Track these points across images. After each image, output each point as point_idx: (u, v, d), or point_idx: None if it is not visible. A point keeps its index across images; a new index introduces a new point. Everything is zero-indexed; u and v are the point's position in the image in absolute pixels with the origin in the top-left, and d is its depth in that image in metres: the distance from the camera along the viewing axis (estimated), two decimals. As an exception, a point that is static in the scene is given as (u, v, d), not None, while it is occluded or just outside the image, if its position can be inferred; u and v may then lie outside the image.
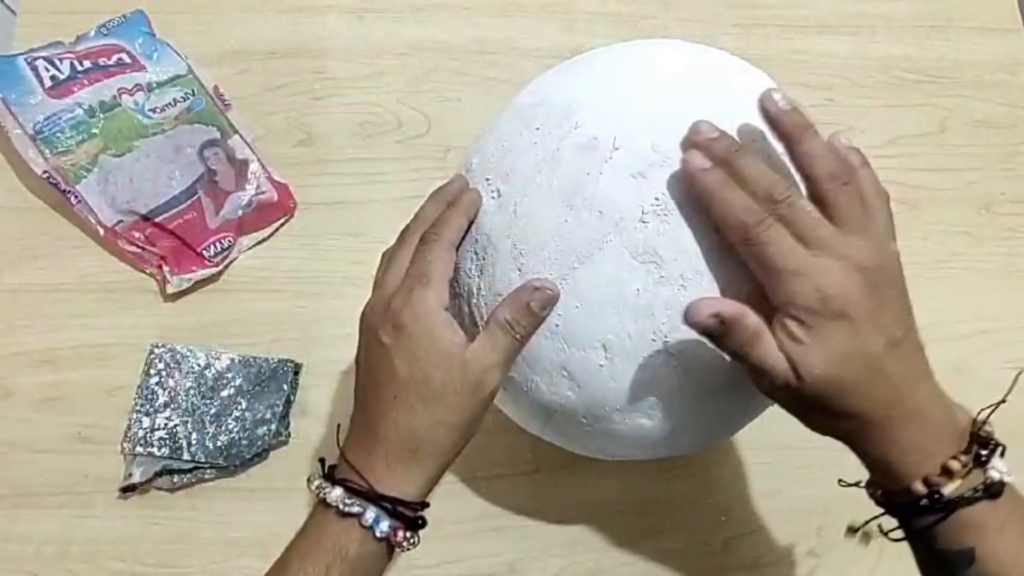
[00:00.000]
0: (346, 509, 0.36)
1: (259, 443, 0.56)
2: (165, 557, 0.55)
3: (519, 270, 0.41)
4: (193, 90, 0.64)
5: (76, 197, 0.60)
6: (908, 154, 0.71)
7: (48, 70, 0.62)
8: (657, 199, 0.38)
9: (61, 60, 0.62)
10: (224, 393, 0.57)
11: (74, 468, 0.56)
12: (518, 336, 0.38)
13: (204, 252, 0.61)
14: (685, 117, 0.39)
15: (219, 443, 0.56)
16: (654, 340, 0.39)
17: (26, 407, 0.58)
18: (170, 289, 0.60)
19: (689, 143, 0.38)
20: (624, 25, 0.73)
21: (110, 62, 0.63)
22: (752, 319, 0.35)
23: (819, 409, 0.36)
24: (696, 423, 0.44)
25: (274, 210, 0.64)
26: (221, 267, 0.61)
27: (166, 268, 0.60)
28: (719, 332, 0.36)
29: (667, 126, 0.39)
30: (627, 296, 0.39)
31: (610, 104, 0.42)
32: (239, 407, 0.57)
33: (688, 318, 0.36)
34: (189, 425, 0.56)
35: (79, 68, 0.62)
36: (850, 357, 0.35)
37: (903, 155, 0.71)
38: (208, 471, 0.56)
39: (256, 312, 0.61)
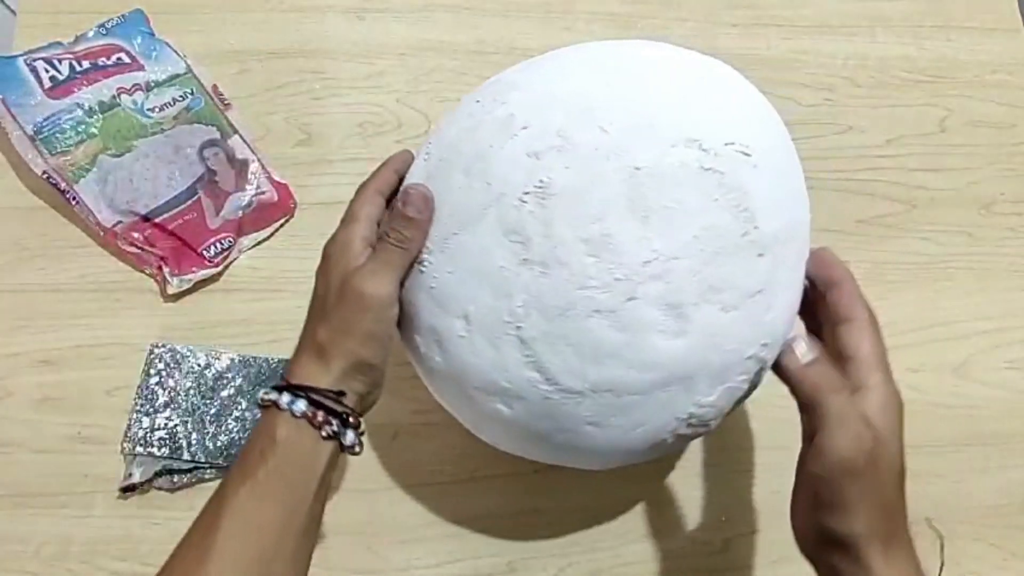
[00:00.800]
0: (267, 398, 0.41)
1: None
2: (165, 557, 0.54)
3: None
4: (192, 89, 0.64)
5: (75, 198, 0.60)
6: (908, 154, 0.71)
7: (48, 71, 0.62)
8: (541, 181, 0.39)
9: (60, 61, 0.62)
10: (224, 393, 0.57)
11: (74, 468, 0.56)
12: (395, 242, 0.42)
13: (204, 252, 0.61)
14: (606, 111, 0.40)
15: (219, 443, 0.56)
16: (508, 322, 0.40)
17: (26, 407, 0.58)
18: (170, 290, 0.60)
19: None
20: (624, 25, 0.73)
21: (109, 62, 0.63)
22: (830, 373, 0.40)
23: (876, 497, 0.38)
24: (558, 427, 0.42)
25: (274, 210, 0.64)
26: (221, 267, 0.61)
27: (166, 269, 0.60)
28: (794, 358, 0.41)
29: (583, 117, 0.40)
30: (491, 270, 0.40)
31: (541, 88, 0.43)
32: (239, 407, 0.57)
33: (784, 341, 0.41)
34: (189, 425, 0.56)
35: (78, 68, 0.62)
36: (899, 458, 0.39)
37: (903, 155, 0.71)
38: (208, 471, 0.56)
39: (256, 312, 0.61)
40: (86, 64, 0.63)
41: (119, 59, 0.64)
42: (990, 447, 0.63)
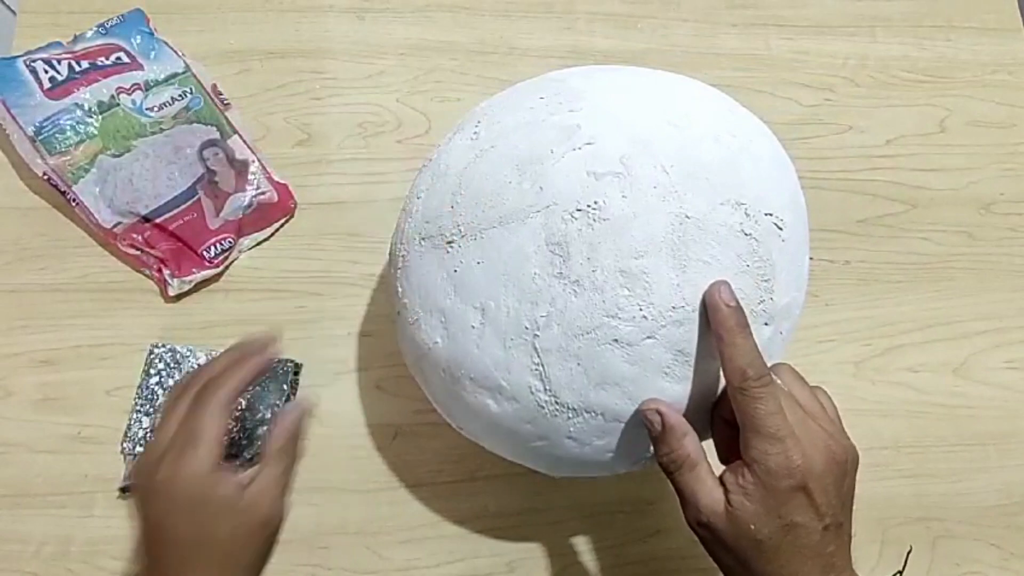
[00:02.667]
0: None
1: (259, 443, 0.56)
2: (165, 557, 0.55)
3: (451, 206, 0.42)
4: (191, 88, 0.64)
5: (75, 199, 0.60)
6: (908, 154, 0.71)
7: (47, 71, 0.62)
8: (595, 203, 0.39)
9: (59, 61, 0.62)
10: None
11: (74, 468, 0.56)
12: (289, 463, 0.42)
13: (204, 253, 0.61)
14: (669, 153, 0.41)
15: None
16: (527, 328, 0.40)
17: (26, 407, 0.58)
18: (171, 292, 0.60)
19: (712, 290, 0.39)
20: (624, 25, 0.74)
21: (108, 62, 0.63)
22: (692, 445, 0.39)
23: (737, 561, 0.39)
24: (539, 434, 0.43)
25: (274, 211, 0.64)
26: (221, 268, 0.61)
27: (166, 271, 0.60)
28: (654, 432, 0.40)
29: (646, 151, 0.41)
30: (523, 274, 0.40)
31: (608, 108, 0.43)
32: (239, 407, 0.57)
33: (639, 409, 0.40)
34: None
35: (77, 69, 0.62)
36: (793, 528, 0.37)
37: (903, 155, 0.71)
38: None
39: (256, 312, 0.61)
40: (85, 64, 0.63)
41: (118, 59, 0.64)
42: (990, 447, 0.63)
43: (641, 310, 0.39)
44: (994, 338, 0.66)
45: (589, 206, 0.39)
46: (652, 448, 0.41)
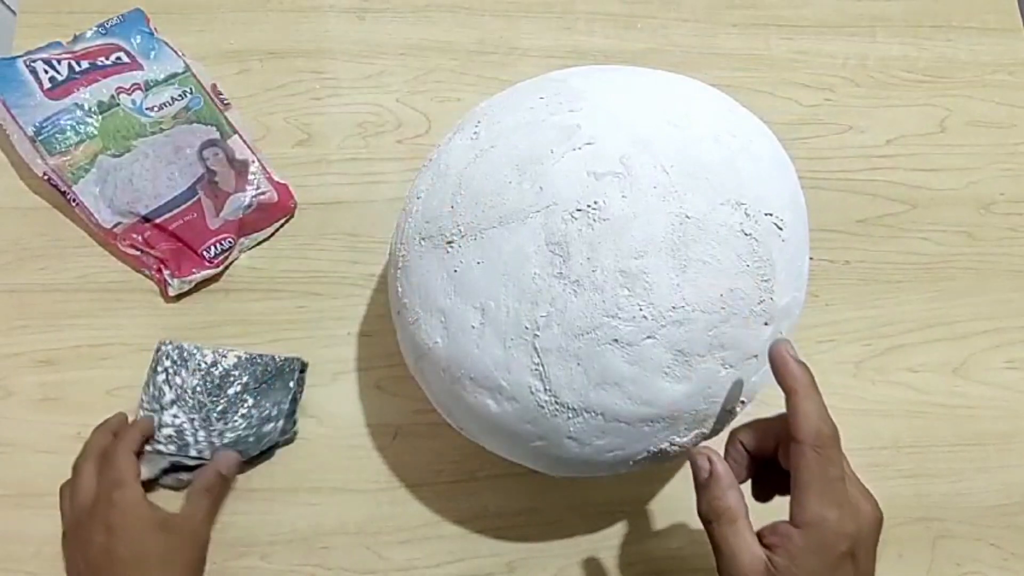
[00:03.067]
0: None
1: (266, 440, 0.56)
2: (165, 557, 0.55)
3: (451, 206, 0.42)
4: (191, 88, 0.64)
5: (75, 199, 0.60)
6: (908, 154, 0.71)
7: (47, 72, 0.62)
8: (595, 203, 0.39)
9: (59, 61, 0.62)
10: (231, 391, 0.57)
11: (74, 468, 0.56)
12: (214, 496, 0.52)
13: (204, 253, 0.61)
14: (669, 153, 0.41)
15: (226, 440, 0.56)
16: (527, 328, 0.40)
17: (26, 407, 0.58)
18: (171, 292, 0.60)
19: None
20: (624, 25, 0.73)
21: (108, 62, 0.63)
22: (735, 498, 0.39)
23: None
24: (539, 434, 0.43)
25: (274, 210, 0.64)
26: (221, 268, 0.61)
27: (166, 272, 0.60)
28: (700, 478, 0.40)
29: (646, 151, 0.41)
30: (523, 274, 0.40)
31: (608, 107, 0.43)
32: (245, 404, 0.57)
33: (689, 452, 0.41)
34: (196, 422, 0.56)
35: (77, 69, 0.62)
36: None
37: (903, 155, 0.71)
38: None
39: (256, 312, 0.61)
40: (85, 64, 0.63)
41: (118, 58, 0.64)
42: (990, 447, 0.63)
43: (641, 310, 0.39)
44: (994, 338, 0.66)
45: (589, 206, 0.39)
46: (695, 494, 0.41)
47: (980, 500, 0.61)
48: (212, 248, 0.61)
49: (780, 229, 0.42)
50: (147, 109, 0.63)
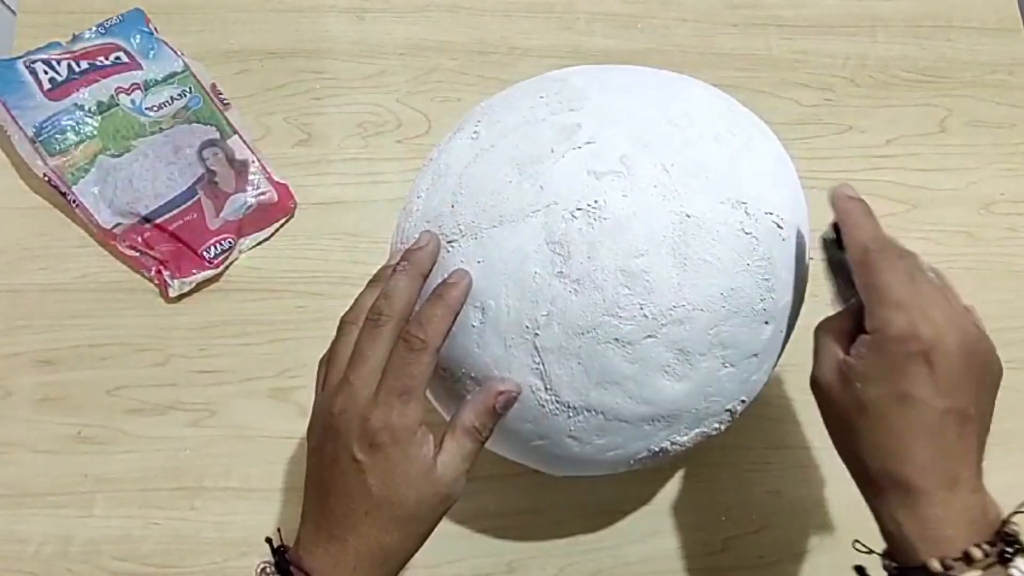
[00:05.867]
0: None
1: None
2: (165, 557, 0.55)
3: (452, 205, 0.42)
4: (190, 87, 0.64)
5: (75, 200, 0.60)
6: (908, 154, 0.71)
7: (47, 72, 0.62)
8: (596, 202, 0.39)
9: (59, 62, 0.62)
10: None
11: (74, 468, 0.56)
12: (483, 439, 0.39)
13: (204, 254, 0.61)
14: (670, 152, 0.40)
15: None
16: (527, 327, 0.40)
17: (26, 407, 0.58)
18: (171, 292, 0.60)
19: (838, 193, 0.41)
20: (624, 25, 0.73)
21: (107, 62, 0.63)
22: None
23: (843, 426, 0.38)
24: (539, 433, 0.43)
25: (274, 211, 0.64)
26: (221, 268, 0.61)
27: (166, 273, 0.60)
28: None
29: (647, 151, 0.41)
30: (523, 273, 0.40)
31: (609, 107, 0.43)
32: None
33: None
34: None
35: (77, 69, 0.62)
36: (905, 399, 0.35)
37: (903, 155, 0.71)
38: None
39: (256, 312, 0.61)
40: (84, 64, 0.63)
41: (117, 58, 0.64)
42: (990, 447, 0.63)
43: (642, 309, 0.39)
44: (994, 338, 0.65)
45: (589, 205, 0.39)
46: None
47: (980, 500, 0.61)
48: (212, 248, 0.61)
49: (780, 228, 0.42)
50: (146, 109, 0.63)
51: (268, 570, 0.37)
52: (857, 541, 0.41)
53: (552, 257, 0.39)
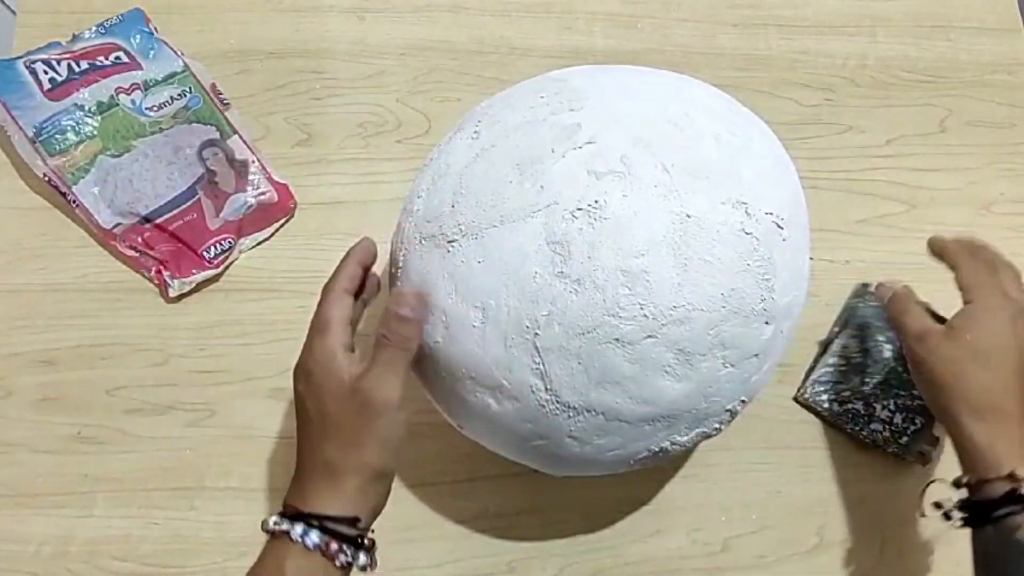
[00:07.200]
0: (277, 528, 0.39)
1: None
2: (165, 557, 0.55)
3: (452, 205, 0.42)
4: (190, 87, 0.64)
5: (75, 200, 0.60)
6: (908, 154, 0.71)
7: (47, 72, 0.62)
8: (596, 202, 0.39)
9: (59, 62, 0.62)
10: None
11: (74, 468, 0.56)
12: (397, 344, 0.41)
13: (204, 254, 0.61)
14: (670, 152, 0.41)
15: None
16: (527, 327, 0.40)
17: (26, 407, 0.58)
18: (172, 292, 0.60)
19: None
20: (624, 25, 0.73)
21: (107, 62, 0.63)
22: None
23: (950, 377, 0.47)
24: (540, 433, 0.43)
25: (274, 211, 0.64)
26: (221, 268, 0.61)
27: (166, 273, 0.60)
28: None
29: (647, 151, 0.41)
30: (523, 273, 0.40)
31: (610, 107, 0.43)
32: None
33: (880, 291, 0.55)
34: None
35: (77, 69, 0.62)
36: (1008, 349, 0.47)
37: (903, 155, 0.71)
38: None
39: (256, 312, 0.61)
40: (84, 64, 0.63)
41: (117, 58, 0.64)
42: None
43: (642, 309, 0.39)
44: (994, 338, 0.66)
45: (590, 205, 0.39)
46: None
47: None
48: (212, 248, 0.61)
49: (781, 228, 0.42)
50: (146, 109, 0.63)
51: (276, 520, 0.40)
52: (933, 482, 0.51)
53: (552, 257, 0.39)
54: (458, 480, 0.58)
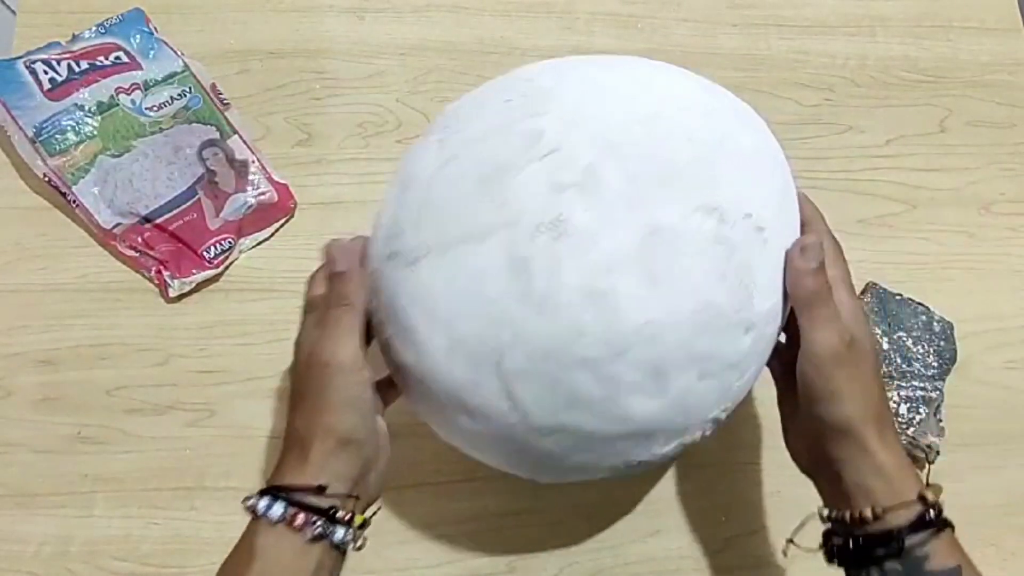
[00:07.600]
0: (247, 504, 0.39)
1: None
2: (165, 557, 0.55)
3: (416, 222, 0.41)
4: (190, 87, 0.64)
5: (75, 200, 0.60)
6: (908, 154, 0.71)
7: (47, 72, 0.62)
8: (559, 217, 0.37)
9: (59, 62, 0.62)
10: None
11: (74, 468, 0.56)
12: (337, 303, 0.41)
13: (204, 254, 0.61)
14: (638, 157, 0.39)
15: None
16: (492, 350, 0.38)
17: (26, 407, 0.58)
18: (172, 292, 0.60)
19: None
20: (624, 25, 0.73)
21: (107, 61, 0.63)
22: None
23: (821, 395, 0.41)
24: (518, 449, 0.42)
25: (274, 211, 0.64)
26: (221, 268, 0.61)
27: (166, 273, 0.60)
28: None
29: (613, 155, 0.38)
30: (486, 297, 0.38)
31: (574, 107, 0.41)
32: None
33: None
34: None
35: (77, 69, 0.62)
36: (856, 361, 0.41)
37: (903, 155, 0.71)
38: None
39: (256, 312, 0.61)
40: (84, 64, 0.63)
41: (117, 58, 0.64)
42: (990, 447, 0.63)
43: (607, 332, 0.37)
44: (994, 338, 0.66)
45: (552, 221, 0.37)
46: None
47: (980, 500, 0.61)
48: (212, 248, 0.61)
49: (761, 230, 0.40)
50: (146, 109, 0.63)
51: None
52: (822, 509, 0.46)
53: (513, 279, 0.38)
54: (458, 480, 0.58)
